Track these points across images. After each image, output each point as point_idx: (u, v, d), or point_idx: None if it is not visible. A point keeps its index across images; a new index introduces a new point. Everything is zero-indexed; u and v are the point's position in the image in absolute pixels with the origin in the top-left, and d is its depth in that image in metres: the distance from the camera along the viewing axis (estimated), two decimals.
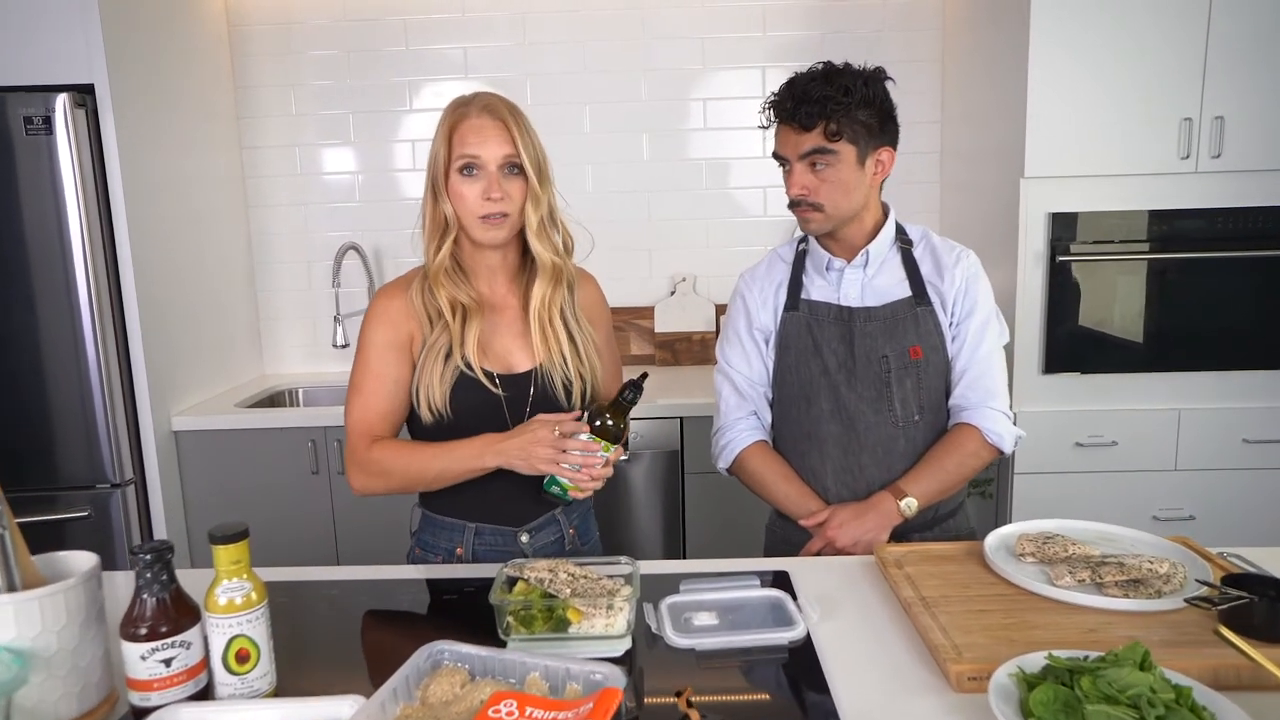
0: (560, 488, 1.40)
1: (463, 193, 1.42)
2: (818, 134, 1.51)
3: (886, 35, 3.15)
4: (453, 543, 1.52)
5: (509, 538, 1.53)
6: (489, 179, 1.41)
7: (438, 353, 1.44)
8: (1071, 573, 1.18)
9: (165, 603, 0.95)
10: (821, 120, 1.50)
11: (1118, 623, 1.09)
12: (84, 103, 2.37)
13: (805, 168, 1.54)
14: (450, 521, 1.53)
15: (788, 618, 1.18)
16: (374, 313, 1.49)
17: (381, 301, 1.50)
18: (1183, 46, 2.44)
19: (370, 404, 1.46)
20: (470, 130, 1.41)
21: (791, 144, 1.55)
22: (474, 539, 1.52)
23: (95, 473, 2.49)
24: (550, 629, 1.12)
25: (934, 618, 1.13)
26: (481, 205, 1.41)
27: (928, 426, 1.61)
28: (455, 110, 1.44)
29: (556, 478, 1.39)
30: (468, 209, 1.42)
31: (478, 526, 1.52)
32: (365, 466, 1.45)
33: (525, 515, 1.53)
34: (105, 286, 2.45)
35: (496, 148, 1.41)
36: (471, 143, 1.41)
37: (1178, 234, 2.52)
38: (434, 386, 1.43)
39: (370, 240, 3.25)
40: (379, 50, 3.16)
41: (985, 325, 1.61)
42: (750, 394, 1.71)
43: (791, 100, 1.52)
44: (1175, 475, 2.63)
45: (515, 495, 1.49)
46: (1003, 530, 1.37)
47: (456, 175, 1.42)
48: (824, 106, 1.49)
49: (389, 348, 1.47)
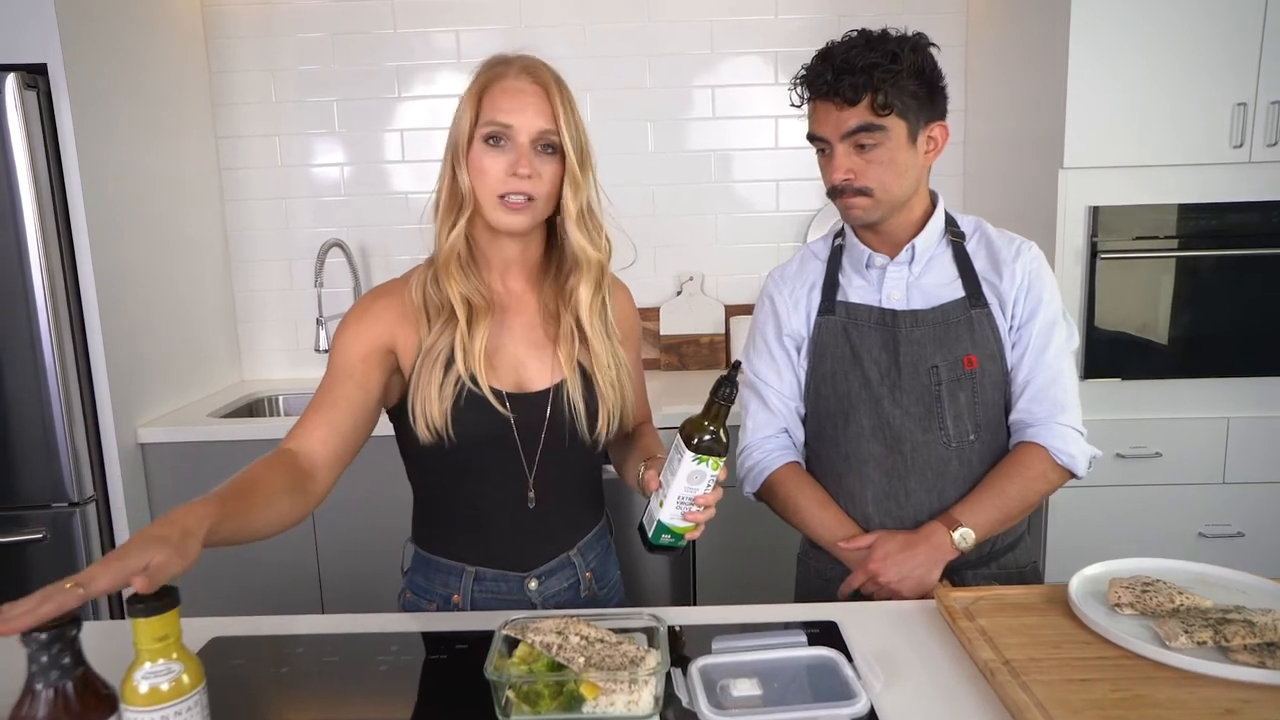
0: (672, 535, 1.15)
1: (484, 165, 1.18)
2: (864, 108, 1.31)
3: (906, 20, 2.89)
4: (449, 589, 1.29)
5: (515, 584, 1.30)
6: (518, 152, 1.18)
7: (436, 358, 1.20)
8: (1188, 632, 0.98)
9: (66, 694, 0.74)
10: (869, 92, 1.29)
11: (1259, 701, 0.89)
12: (35, 84, 2.16)
13: (849, 149, 1.34)
14: (446, 564, 1.30)
15: (845, 687, 0.97)
16: (350, 318, 1.24)
17: (364, 299, 1.26)
18: (1237, 25, 2.25)
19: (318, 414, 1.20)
20: (504, 93, 1.18)
21: (833, 122, 1.34)
22: (473, 585, 1.29)
23: (52, 490, 2.27)
24: (559, 708, 0.91)
25: (1027, 690, 0.93)
26: (504, 182, 1.17)
27: (985, 447, 1.41)
28: (491, 68, 1.21)
29: (665, 523, 1.14)
30: (487, 185, 1.18)
31: (477, 571, 1.29)
32: None
33: (533, 558, 1.30)
34: (62, 286, 2.23)
35: (533, 118, 1.18)
36: (504, 108, 1.17)
37: (1229, 228, 2.33)
38: (432, 400, 1.19)
39: (356, 237, 3.04)
40: (365, 34, 2.94)
41: (1051, 328, 1.40)
42: (781, 409, 1.51)
43: (832, 72, 1.31)
44: (1224, 489, 2.45)
45: (520, 533, 1.27)
46: (1088, 572, 1.17)
47: (480, 144, 1.18)
48: (870, 76, 1.28)
49: (361, 363, 1.21)
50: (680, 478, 1.11)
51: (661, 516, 1.14)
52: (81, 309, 2.29)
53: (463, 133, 1.19)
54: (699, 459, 1.10)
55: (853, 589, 1.37)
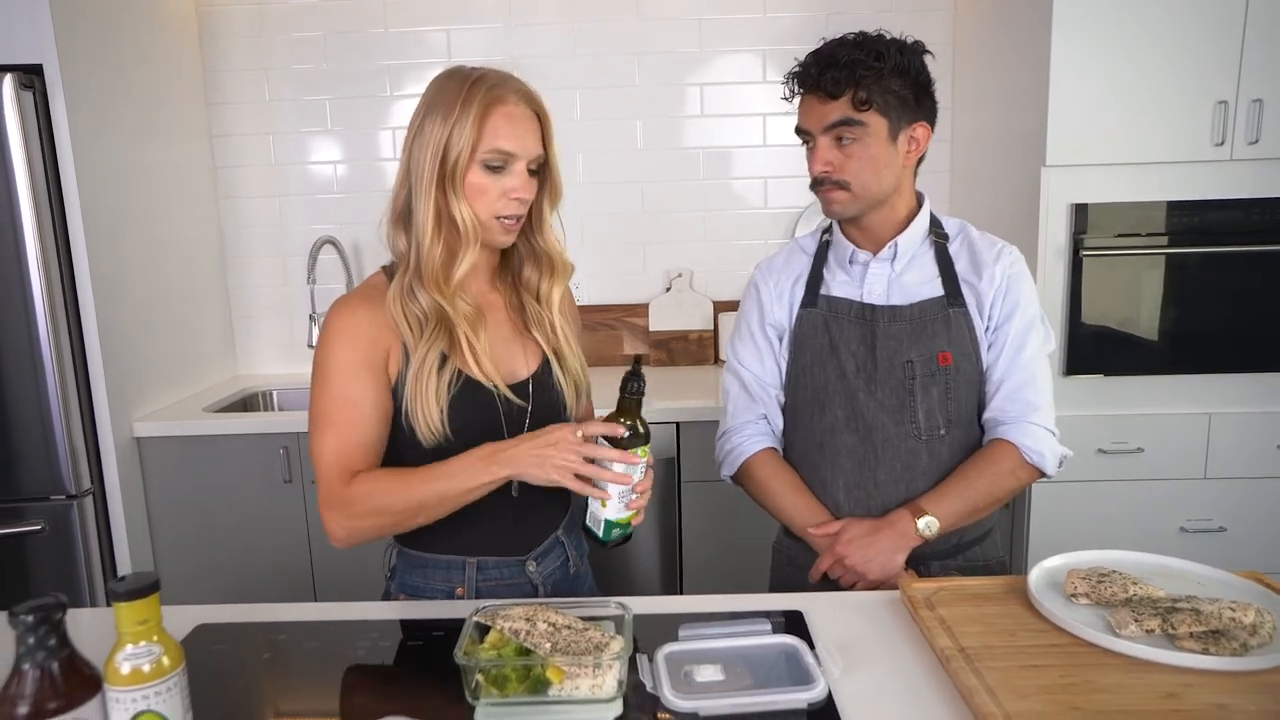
0: (620, 527, 1.20)
1: (485, 187, 1.22)
2: (845, 103, 1.35)
3: (894, 17, 2.96)
4: (450, 583, 1.32)
5: (516, 569, 1.34)
6: (519, 177, 1.24)
7: (431, 367, 1.23)
8: (1137, 620, 1.01)
9: (52, 673, 0.78)
10: (849, 87, 1.34)
11: (1201, 685, 0.92)
12: (31, 84, 2.19)
13: (830, 142, 1.38)
14: (445, 559, 1.33)
15: (805, 673, 1.01)
16: (336, 329, 1.24)
17: (344, 316, 1.25)
18: (1218, 23, 2.27)
19: (347, 436, 1.22)
20: (507, 120, 1.22)
21: (816, 115, 1.39)
22: (476, 575, 1.32)
23: (51, 483, 2.31)
24: (527, 690, 0.95)
25: (979, 676, 0.96)
26: (505, 204, 1.23)
27: (955, 442, 1.44)
28: (488, 92, 1.21)
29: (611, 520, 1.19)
30: (486, 207, 1.23)
31: (479, 560, 1.32)
32: (349, 506, 1.20)
33: (529, 541, 1.35)
34: (59, 283, 2.27)
35: (532, 145, 1.24)
36: (506, 135, 1.21)
37: (1211, 226, 2.35)
38: (430, 406, 1.22)
39: (349, 234, 3.07)
40: (357, 33, 2.97)
41: (1028, 330, 1.44)
42: (761, 395, 1.55)
43: (817, 66, 1.36)
44: (1205, 484, 2.47)
45: (516, 519, 1.32)
46: (1048, 564, 1.20)
47: (479, 168, 1.22)
48: (852, 72, 1.32)
49: (360, 368, 1.23)
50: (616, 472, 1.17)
51: (607, 515, 1.20)
52: (78, 305, 2.33)
53: (461, 156, 1.20)
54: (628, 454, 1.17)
55: (820, 571, 1.41)
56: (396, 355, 1.25)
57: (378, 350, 1.24)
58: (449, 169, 1.21)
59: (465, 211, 1.22)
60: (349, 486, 1.21)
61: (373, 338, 1.24)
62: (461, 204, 1.22)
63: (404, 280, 1.26)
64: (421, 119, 1.23)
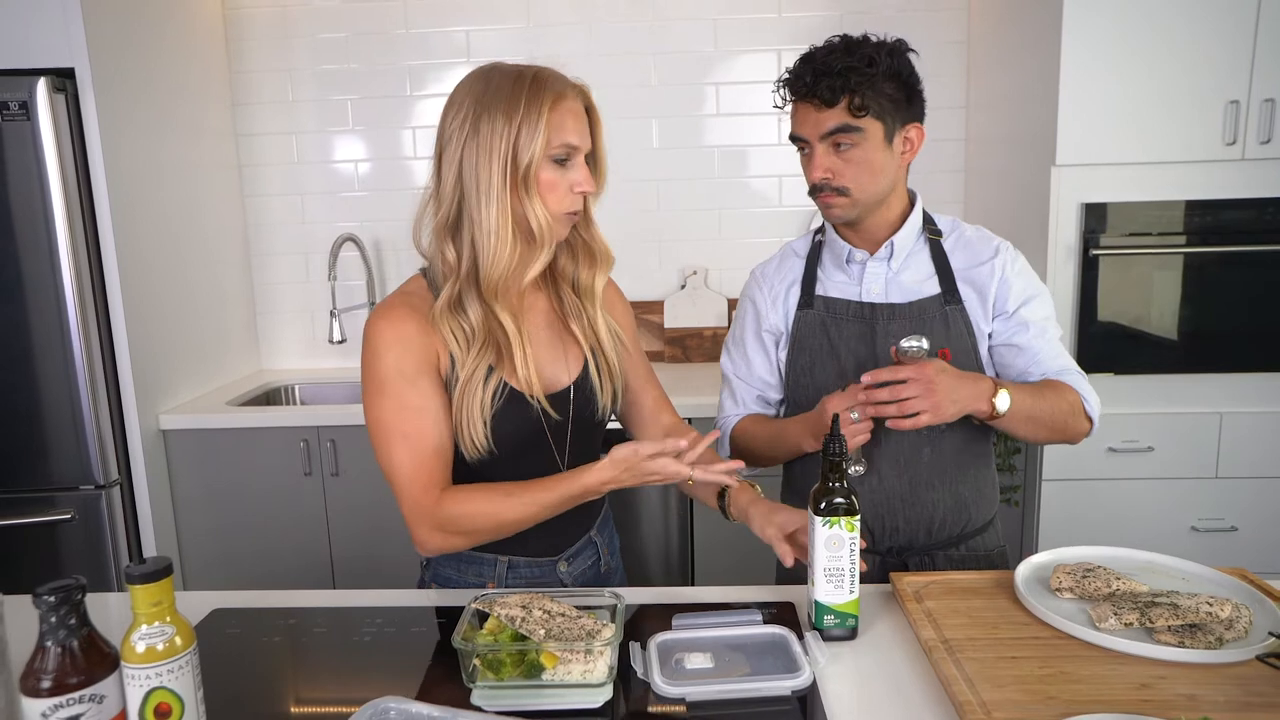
0: (835, 614, 1.11)
1: (555, 182, 1.20)
2: (841, 110, 1.37)
3: (910, 16, 2.98)
4: (482, 578, 1.35)
5: (547, 569, 1.36)
6: (582, 170, 1.22)
7: (478, 381, 1.22)
8: (1117, 614, 1.04)
9: (73, 650, 0.83)
10: (845, 94, 1.35)
11: (1174, 677, 0.95)
12: (64, 87, 2.26)
13: (828, 149, 1.40)
14: (479, 555, 1.34)
15: (792, 661, 1.05)
16: (386, 339, 1.22)
17: (393, 324, 1.22)
18: (1230, 23, 2.27)
19: (420, 446, 1.21)
20: (570, 114, 1.20)
21: (812, 123, 1.40)
22: (507, 573, 1.35)
23: (80, 473, 2.39)
24: (521, 675, 0.99)
25: (959, 666, 1.00)
26: (571, 200, 1.22)
27: (957, 437, 1.47)
28: (549, 87, 1.19)
29: (822, 603, 1.11)
30: (557, 202, 1.21)
31: (510, 559, 1.34)
32: (444, 526, 1.21)
33: (563, 542, 1.37)
34: (88, 280, 2.34)
35: (589, 137, 1.24)
36: (572, 129, 1.20)
37: (1221, 225, 2.35)
38: (475, 421, 1.21)
39: (370, 231, 3.13)
40: (379, 34, 3.03)
41: (1048, 317, 1.48)
42: (745, 398, 1.61)
43: (811, 74, 1.38)
44: (1216, 483, 2.47)
45: (552, 521, 1.28)
46: (1036, 559, 1.23)
47: (549, 165, 1.20)
48: (847, 79, 1.34)
49: (418, 375, 1.21)
50: (819, 548, 1.10)
51: (816, 596, 1.12)
52: (107, 302, 2.40)
53: (535, 155, 1.17)
54: (828, 522, 1.09)
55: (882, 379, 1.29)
56: (445, 361, 1.24)
57: (429, 355, 1.23)
58: (521, 170, 1.18)
59: (540, 211, 1.20)
60: (441, 505, 1.21)
61: (424, 344, 1.23)
62: (535, 204, 1.19)
63: (453, 291, 1.23)
64: (474, 122, 1.18)
